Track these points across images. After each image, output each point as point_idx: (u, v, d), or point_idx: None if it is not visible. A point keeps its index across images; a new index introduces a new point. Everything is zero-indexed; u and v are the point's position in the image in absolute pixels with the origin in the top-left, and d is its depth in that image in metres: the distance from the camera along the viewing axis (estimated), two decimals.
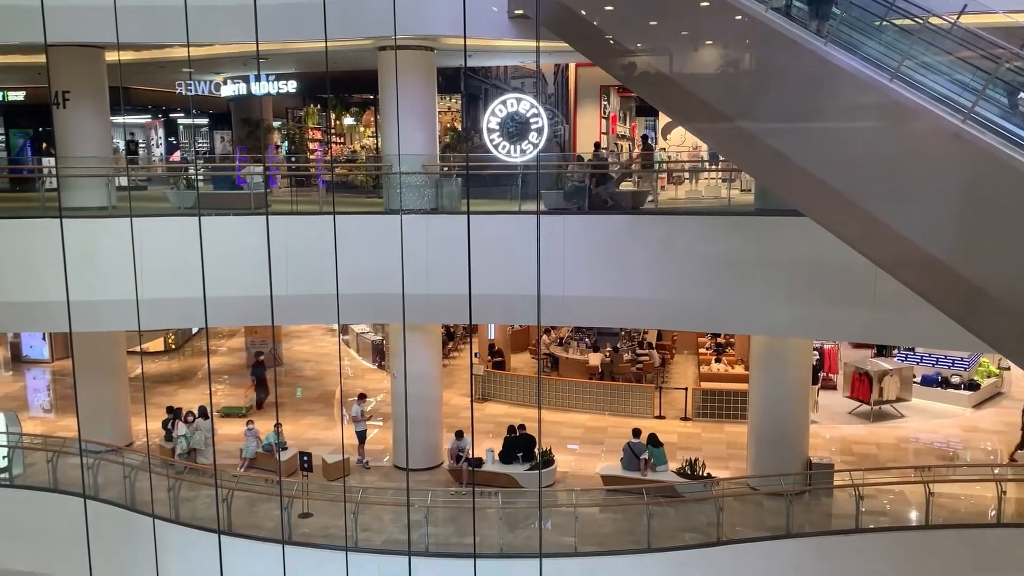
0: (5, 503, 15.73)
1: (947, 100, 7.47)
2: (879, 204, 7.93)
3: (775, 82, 9.33)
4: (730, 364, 22.20)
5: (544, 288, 8.30)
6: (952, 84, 7.84)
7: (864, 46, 8.39)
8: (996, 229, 7.04)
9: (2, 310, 15.19)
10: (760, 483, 15.57)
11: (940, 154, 7.57)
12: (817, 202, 9.06)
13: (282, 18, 13.40)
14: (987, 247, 7.15)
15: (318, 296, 13.28)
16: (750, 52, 9.87)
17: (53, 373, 25.08)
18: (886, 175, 8.00)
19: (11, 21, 14.23)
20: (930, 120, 7.34)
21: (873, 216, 7.95)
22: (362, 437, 17.79)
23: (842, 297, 13.13)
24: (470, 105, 27.41)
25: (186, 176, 19.33)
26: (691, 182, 20.83)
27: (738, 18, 9.25)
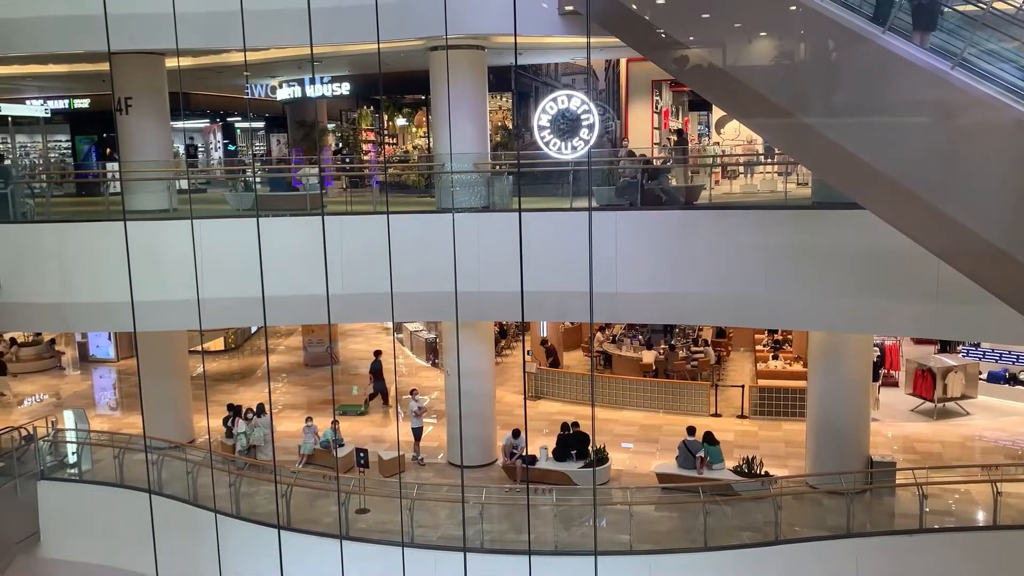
0: (74, 497, 16.27)
1: (1012, 87, 7.24)
2: (941, 194, 7.72)
3: (832, 73, 9.15)
4: (788, 361, 21.84)
5: (597, 285, 8.29)
6: (1017, 71, 7.59)
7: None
8: None
9: (70, 311, 15.68)
10: (819, 481, 15.29)
11: (1003, 142, 7.35)
12: (876, 194, 8.86)
13: (336, 21, 13.60)
14: None
15: (373, 295, 13.43)
16: (806, 43, 9.68)
17: (119, 372, 25.84)
18: (947, 164, 7.79)
19: (76, 30, 14.71)
20: (992, 107, 7.13)
21: (934, 207, 7.74)
22: (418, 434, 17.95)
23: (903, 291, 12.82)
24: (521, 103, 27.42)
25: (244, 178, 19.72)
26: (746, 176, 20.55)
27: (793, 8, 9.09)
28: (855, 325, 14.27)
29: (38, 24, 15.15)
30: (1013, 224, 7.24)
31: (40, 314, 16.02)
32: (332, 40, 15.74)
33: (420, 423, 18.02)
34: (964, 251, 7.97)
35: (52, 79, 23.04)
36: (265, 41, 15.68)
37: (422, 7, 13.78)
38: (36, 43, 15.70)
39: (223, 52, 18.07)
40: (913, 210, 8.18)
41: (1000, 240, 7.25)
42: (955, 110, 7.74)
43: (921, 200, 7.90)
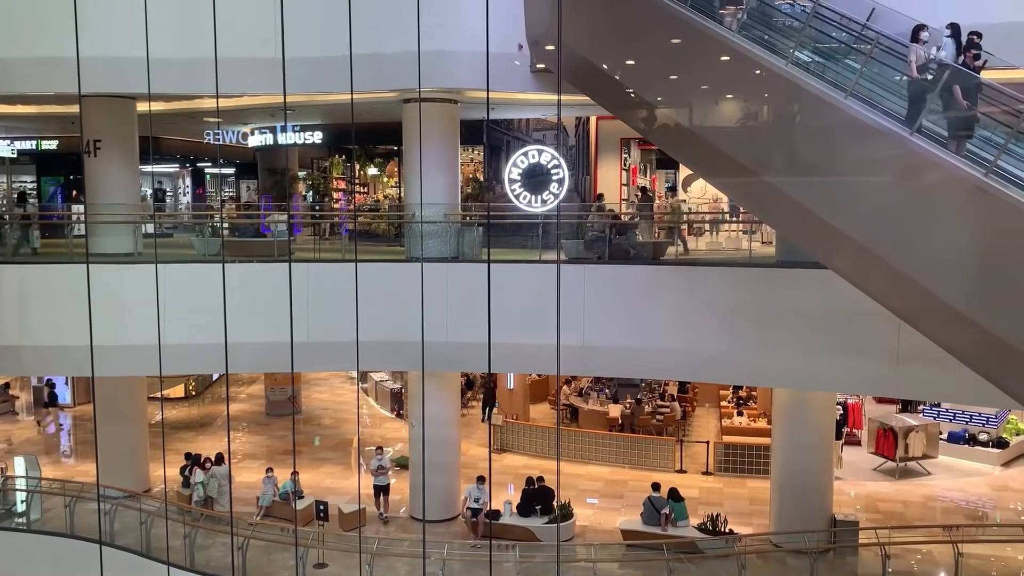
0: (22, 548, 15.70)
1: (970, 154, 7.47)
2: (902, 256, 7.89)
3: (796, 135, 9.39)
4: (752, 418, 21.91)
5: (564, 338, 8.29)
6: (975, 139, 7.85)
7: (885, 100, 8.44)
8: (1022, 282, 6.97)
9: (28, 353, 15.33)
10: (783, 540, 15.24)
11: (963, 207, 7.55)
12: (839, 254, 9.04)
13: (310, 71, 13.71)
14: (1014, 301, 7.07)
15: (338, 343, 13.33)
16: (771, 106, 9.95)
17: (75, 417, 25.20)
18: (909, 228, 7.98)
19: (47, 72, 14.64)
20: (952, 173, 7.34)
21: (896, 269, 7.91)
22: (382, 491, 17.23)
23: (865, 350, 12.99)
24: (492, 156, 27.70)
25: (211, 223, 19.60)
26: (712, 234, 20.82)
27: (758, 72, 9.35)
28: (818, 383, 14.40)
29: (8, 65, 15.09)
30: (973, 286, 7.41)
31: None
32: (306, 90, 15.86)
33: (386, 480, 17.35)
34: (925, 313, 8.12)
35: (20, 119, 22.86)
36: (238, 88, 15.73)
37: (396, 60, 13.96)
38: (6, 84, 15.61)
39: (195, 98, 18.08)
40: (875, 271, 8.34)
41: (960, 303, 7.40)
42: (911, 172, 7.96)
43: (883, 261, 8.06)
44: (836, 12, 9.54)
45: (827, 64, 9.24)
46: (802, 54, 9.19)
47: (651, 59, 11.44)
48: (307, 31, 13.22)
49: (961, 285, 7.51)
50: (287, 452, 20.77)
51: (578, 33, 11.85)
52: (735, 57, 9.57)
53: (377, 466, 17.27)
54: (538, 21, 13.62)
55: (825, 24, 9.58)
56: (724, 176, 10.86)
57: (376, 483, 17.21)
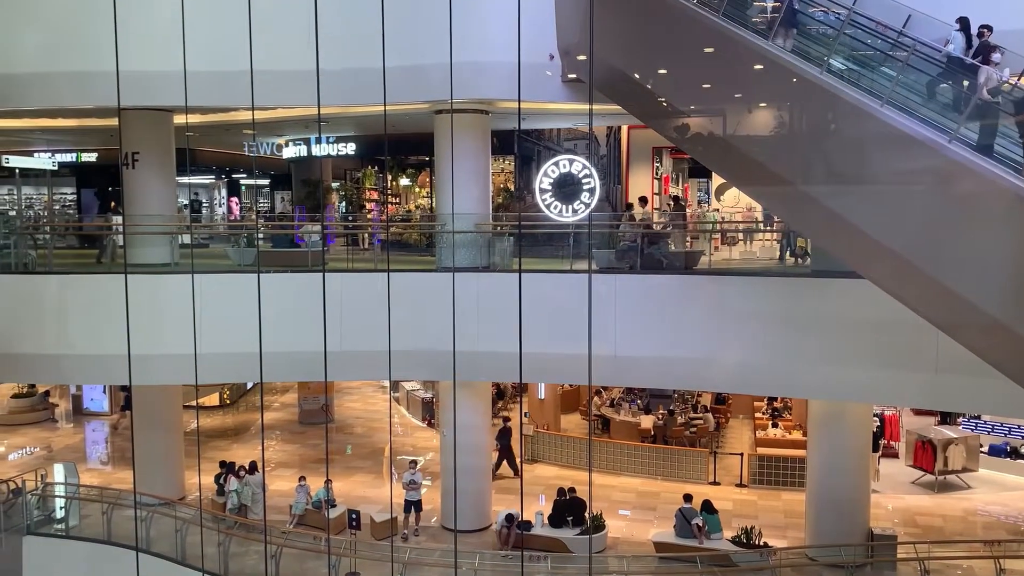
0: (60, 554, 15.94)
1: (1010, 161, 7.34)
2: (940, 266, 7.76)
3: (830, 143, 9.29)
4: (787, 429, 21.65)
5: (595, 348, 8.26)
6: (1016, 146, 7.71)
7: (921, 108, 8.33)
8: None
9: (67, 362, 15.61)
10: (819, 553, 15.01)
11: (1003, 215, 7.41)
12: (875, 264, 8.91)
13: (344, 83, 13.85)
14: None
15: (371, 352, 13.40)
16: (806, 114, 9.86)
17: (112, 426, 25.59)
18: (947, 236, 7.85)
19: (87, 86, 14.96)
20: (992, 181, 7.21)
21: (934, 278, 7.78)
22: (418, 506, 16.91)
23: (903, 361, 12.78)
24: (523, 166, 27.75)
25: (246, 234, 19.86)
26: (745, 243, 20.66)
27: (793, 81, 9.27)
28: (854, 394, 14.20)
29: (51, 79, 15.43)
30: (1012, 296, 7.26)
31: (37, 365, 15.93)
32: (339, 101, 16.02)
33: (417, 496, 16.96)
34: (964, 323, 7.98)
35: (61, 133, 23.37)
36: (273, 101, 15.92)
37: (429, 72, 14.07)
38: (48, 97, 15.96)
39: (231, 110, 18.35)
40: (913, 281, 8.21)
41: (1000, 312, 7.26)
42: (949, 180, 7.84)
43: (920, 271, 7.93)
44: (871, 19, 9.44)
45: (862, 71, 9.15)
46: (837, 61, 9.10)
47: (683, 68, 11.40)
48: (341, 44, 13.35)
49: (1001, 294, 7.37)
50: (320, 460, 20.89)
51: (610, 43, 11.84)
52: (768, 65, 9.50)
53: (409, 480, 16.94)
54: (569, 31, 13.65)
55: (860, 31, 9.48)
56: (757, 185, 10.78)
57: (407, 498, 16.87)
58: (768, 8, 10.42)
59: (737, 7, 10.01)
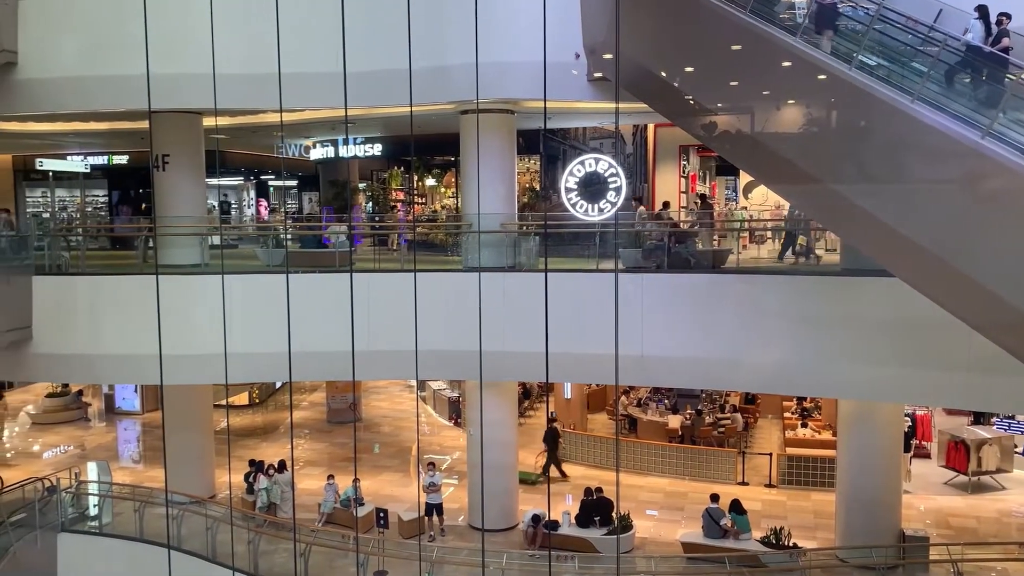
0: (93, 551, 16.18)
1: None
2: (972, 262, 7.65)
3: (861, 141, 9.19)
4: (817, 429, 21.44)
5: (622, 347, 8.23)
6: None
7: (952, 104, 8.21)
8: None
9: (99, 362, 15.84)
10: (849, 555, 14.85)
11: None
12: (906, 261, 8.81)
13: (370, 85, 13.92)
14: None
15: (397, 352, 13.47)
16: (835, 111, 9.76)
17: (144, 425, 25.94)
18: (979, 232, 7.74)
19: (119, 89, 15.18)
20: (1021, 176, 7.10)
21: (966, 275, 7.67)
22: (439, 509, 16.72)
23: (934, 360, 12.60)
24: (549, 165, 27.74)
25: (275, 235, 20.04)
26: (774, 241, 20.48)
27: (822, 77, 9.18)
28: (885, 394, 14.03)
29: (83, 83, 15.67)
30: None
31: (70, 365, 16.19)
32: (366, 103, 16.11)
33: (438, 499, 16.75)
34: (997, 321, 7.86)
35: (93, 136, 23.71)
36: (301, 103, 16.06)
37: (455, 72, 14.11)
38: (81, 101, 16.20)
39: (259, 112, 18.52)
40: (944, 278, 8.10)
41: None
42: (986, 178, 7.72)
43: (952, 268, 7.83)
44: (901, 14, 9.33)
45: (892, 67, 9.04)
46: (866, 58, 9.00)
47: (711, 66, 11.33)
48: (368, 46, 13.44)
49: None
50: (348, 459, 21.02)
51: (636, 41, 11.80)
52: (796, 62, 9.42)
53: (429, 483, 16.73)
54: (595, 30, 13.61)
55: (889, 27, 9.37)
56: (786, 183, 10.69)
57: (428, 501, 16.63)
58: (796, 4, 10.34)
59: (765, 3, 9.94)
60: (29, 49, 15.49)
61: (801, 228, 16.41)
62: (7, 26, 15.20)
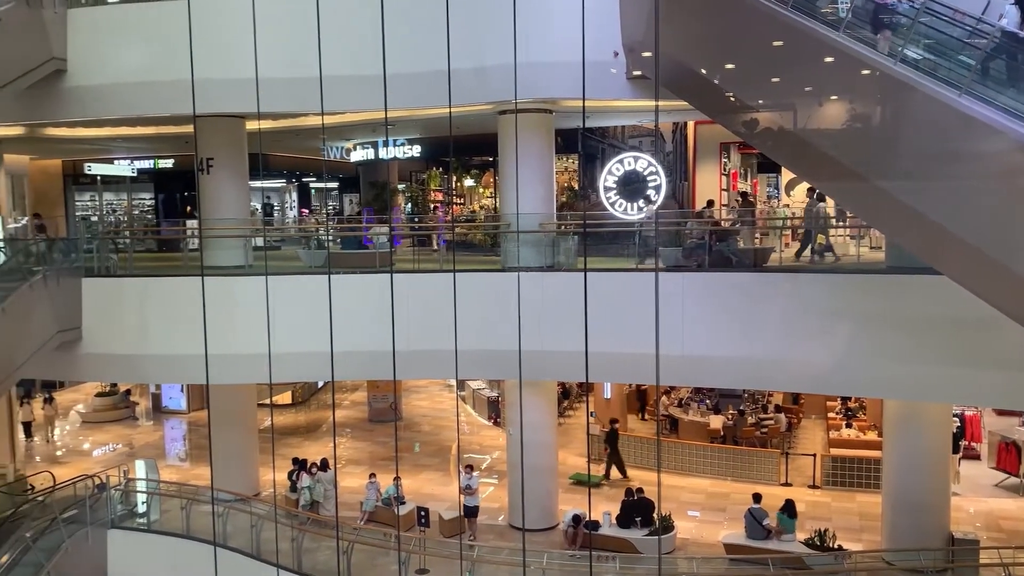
0: (142, 547, 16.50)
1: None
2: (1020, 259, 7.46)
3: (906, 136, 9.02)
4: (861, 429, 21.11)
5: (663, 347, 8.18)
6: None
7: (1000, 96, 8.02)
8: None
9: (146, 362, 16.16)
10: (896, 558, 14.58)
11: None
12: (953, 259, 8.62)
13: (410, 87, 14.02)
14: None
15: (437, 351, 13.54)
16: (879, 106, 9.59)
17: (189, 424, 26.41)
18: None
19: (164, 95, 15.47)
20: None
21: (1016, 273, 7.48)
22: (474, 512, 16.61)
23: (984, 359, 12.31)
24: (587, 164, 27.66)
25: (316, 237, 20.26)
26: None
27: (866, 72, 9.03)
28: (933, 394, 13.74)
29: (130, 89, 15.99)
30: None
31: (119, 365, 16.54)
32: (406, 104, 16.20)
33: (475, 501, 16.67)
34: None
35: (139, 140, 24.19)
36: (342, 106, 16.20)
37: (493, 73, 14.14)
38: (127, 106, 16.54)
39: (301, 115, 18.74)
40: (993, 276, 7.92)
41: None
42: None
43: (1002, 266, 7.65)
44: (947, 6, 9.13)
45: (938, 61, 8.85)
46: (912, 51, 8.83)
47: (752, 62, 11.20)
48: (407, 48, 13.53)
49: None
50: (389, 458, 21.19)
51: (675, 38, 11.71)
52: (839, 57, 9.27)
53: (465, 485, 16.59)
54: (634, 27, 13.55)
55: (935, 19, 9.18)
56: (830, 180, 10.52)
57: (466, 503, 16.45)
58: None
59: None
60: (78, 56, 15.84)
61: (818, 226, 16.16)
62: (57, 34, 15.57)
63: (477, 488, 16.97)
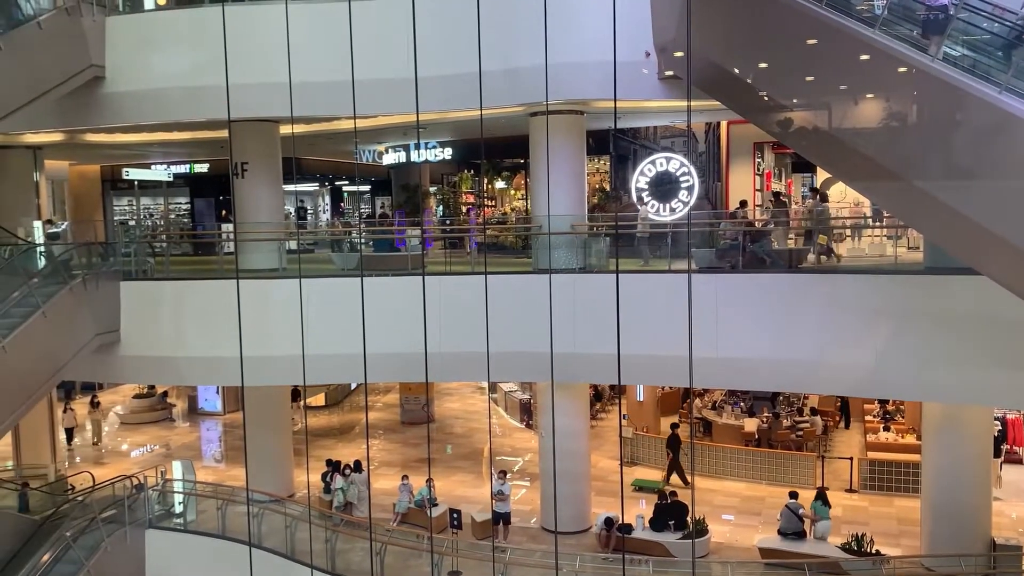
0: (179, 547, 16.72)
1: None
2: None
3: (944, 135, 8.86)
4: (900, 433, 20.76)
5: (696, 349, 8.11)
6: None
7: None
8: None
9: (183, 364, 16.38)
10: (936, 563, 14.34)
11: None
12: (993, 259, 8.45)
13: (442, 89, 14.06)
14: None
15: (469, 353, 13.55)
16: (916, 104, 9.43)
17: (225, 425, 26.72)
18: None
19: (199, 100, 15.68)
20: None
21: None
22: (506, 519, 16.50)
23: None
24: (619, 165, 27.56)
25: (349, 240, 20.39)
26: (853, 239, 19.92)
27: (902, 71, 8.89)
28: (973, 397, 13.47)
29: (166, 95, 16.23)
30: None
31: (156, 367, 16.79)
32: (438, 107, 16.25)
33: (506, 507, 16.48)
34: None
35: (175, 145, 24.55)
36: (374, 109, 16.29)
37: (524, 74, 14.13)
38: (164, 112, 16.78)
39: (334, 119, 18.89)
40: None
41: None
42: None
43: None
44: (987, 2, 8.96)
45: (978, 58, 8.68)
46: (951, 48, 8.67)
47: (785, 61, 11.08)
48: (438, 50, 13.58)
49: None
50: (421, 460, 21.25)
51: (708, 38, 11.63)
52: (875, 55, 9.14)
53: (497, 491, 16.45)
54: (666, 27, 13.47)
55: (975, 15, 9.01)
56: (866, 180, 10.37)
57: (496, 509, 16.30)
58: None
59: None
60: (116, 63, 16.11)
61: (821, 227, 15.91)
62: (96, 42, 15.85)
63: (509, 494, 16.90)
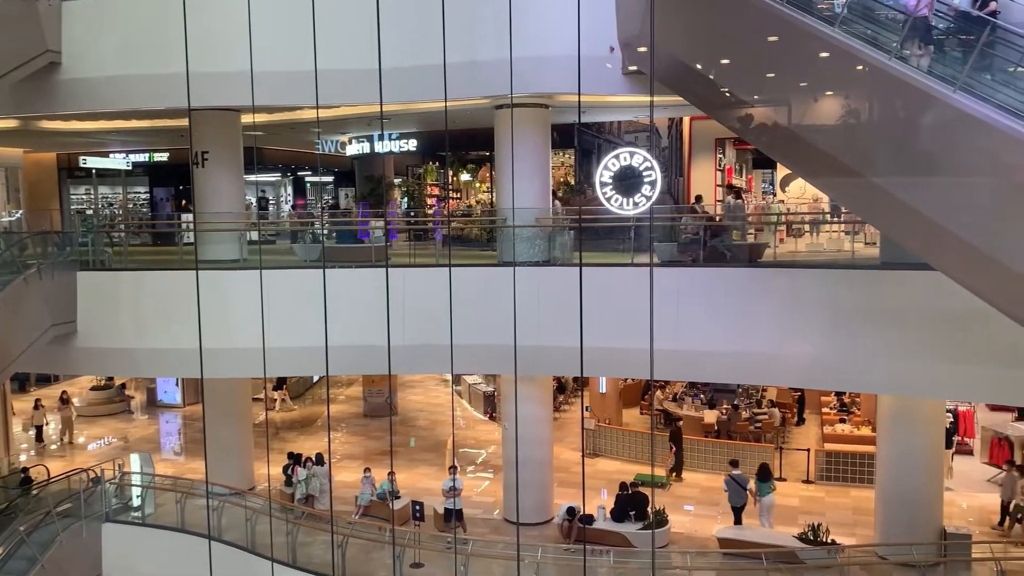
0: (137, 541, 16.50)
1: None
2: (1016, 255, 7.49)
3: (901, 132, 9.04)
4: (856, 425, 21.17)
5: (658, 342, 8.19)
6: None
7: (997, 94, 8.04)
8: None
9: (142, 355, 16.14)
10: (889, 552, 14.67)
11: None
12: (947, 254, 8.65)
13: (405, 80, 13.98)
14: None
15: (433, 346, 13.54)
16: (874, 102, 9.60)
17: (184, 418, 26.39)
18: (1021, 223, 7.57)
19: (158, 88, 15.42)
20: None
21: (1009, 268, 7.52)
22: (459, 515, 16.12)
23: (977, 355, 12.36)
24: (583, 159, 27.65)
25: (311, 231, 20.23)
26: (812, 235, 20.24)
27: (860, 68, 9.05)
28: (926, 389, 13.81)
29: (124, 82, 15.94)
30: None
31: (113, 359, 16.53)
32: (402, 99, 16.14)
33: (459, 504, 16.27)
34: None
35: (134, 133, 24.12)
36: (337, 99, 16.16)
37: (488, 67, 14.11)
38: (122, 100, 16.48)
39: (296, 109, 18.71)
40: (986, 271, 7.95)
41: None
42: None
43: (995, 261, 7.68)
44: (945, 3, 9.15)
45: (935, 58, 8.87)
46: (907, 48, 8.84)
47: (747, 57, 11.21)
48: (403, 42, 13.50)
49: None
50: (384, 453, 21.20)
51: (671, 34, 11.72)
52: (835, 53, 9.29)
53: (448, 487, 16.33)
54: (630, 22, 13.54)
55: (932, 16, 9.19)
56: (825, 176, 10.55)
57: (447, 506, 16.25)
58: None
59: None
60: (72, 49, 15.78)
61: (735, 223, 16.16)
62: (51, 27, 15.51)
63: (461, 489, 16.70)
